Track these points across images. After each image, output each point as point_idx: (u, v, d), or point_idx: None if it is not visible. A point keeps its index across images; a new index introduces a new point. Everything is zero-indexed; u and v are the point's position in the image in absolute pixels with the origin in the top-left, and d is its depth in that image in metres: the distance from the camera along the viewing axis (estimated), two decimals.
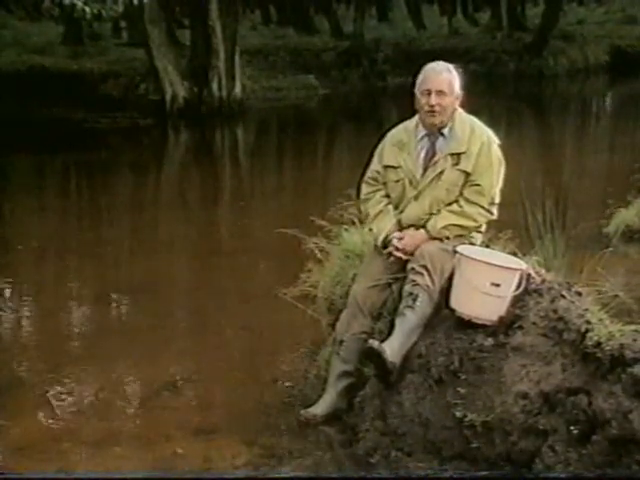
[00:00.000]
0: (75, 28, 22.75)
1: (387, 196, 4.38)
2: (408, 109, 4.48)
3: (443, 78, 4.21)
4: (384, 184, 4.40)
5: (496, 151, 4.22)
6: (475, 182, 4.15)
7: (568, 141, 15.26)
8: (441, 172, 4.20)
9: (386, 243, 4.29)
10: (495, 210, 4.28)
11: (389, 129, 4.48)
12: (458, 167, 4.18)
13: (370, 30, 25.50)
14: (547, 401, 3.66)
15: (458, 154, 4.18)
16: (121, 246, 8.44)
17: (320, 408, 4.31)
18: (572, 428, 3.53)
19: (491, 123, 4.25)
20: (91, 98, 17.33)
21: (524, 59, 24.11)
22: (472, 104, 4.46)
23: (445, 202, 4.21)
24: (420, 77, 4.27)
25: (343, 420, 4.29)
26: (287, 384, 4.95)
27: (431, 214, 4.23)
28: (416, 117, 4.35)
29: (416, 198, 4.26)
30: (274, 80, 20.05)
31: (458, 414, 3.79)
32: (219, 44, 17.15)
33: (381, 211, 4.37)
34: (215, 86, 17.18)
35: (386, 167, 4.35)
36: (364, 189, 4.49)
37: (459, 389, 3.85)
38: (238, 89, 17.55)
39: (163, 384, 5.01)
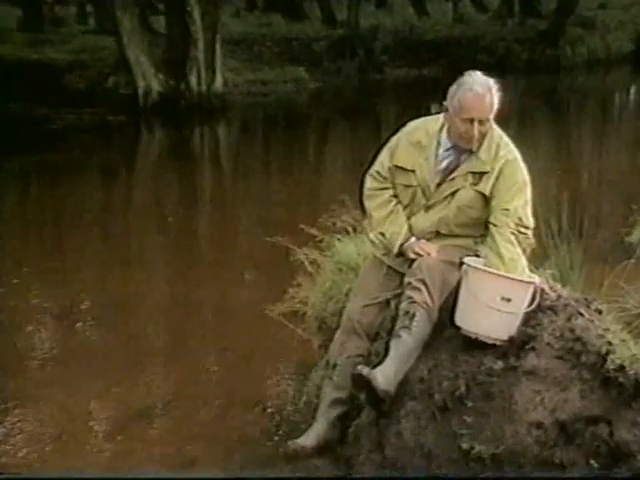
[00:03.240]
0: (34, 12, 22.77)
1: (396, 196, 4.34)
2: (409, 105, 4.50)
3: (487, 104, 4.08)
4: (393, 183, 4.34)
5: (521, 169, 4.19)
6: (504, 206, 4.11)
7: (587, 140, 15.34)
8: (457, 190, 4.18)
9: (402, 251, 4.27)
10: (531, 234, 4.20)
11: (404, 123, 4.33)
12: (476, 187, 4.16)
13: (366, 17, 25.59)
14: (564, 431, 3.68)
15: (480, 174, 4.16)
16: (88, 258, 8.44)
17: (310, 439, 4.32)
18: (592, 462, 3.55)
19: (501, 121, 4.25)
20: (54, 92, 17.35)
21: (538, 49, 24.17)
22: None
23: (454, 222, 4.20)
24: (459, 98, 4.09)
25: (336, 452, 4.29)
26: (274, 412, 4.96)
27: (438, 232, 4.22)
28: (440, 119, 4.26)
29: (427, 210, 4.25)
30: (259, 73, 20.09)
31: (464, 445, 3.80)
32: (198, 32, 17.19)
33: (392, 212, 4.31)
34: (194, 79, 17.22)
35: (397, 167, 4.30)
36: (369, 183, 4.41)
37: (465, 418, 3.86)
38: (219, 83, 17.59)
39: (136, 411, 5.02)
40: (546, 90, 21.72)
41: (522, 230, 4.11)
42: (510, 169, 4.14)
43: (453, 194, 4.19)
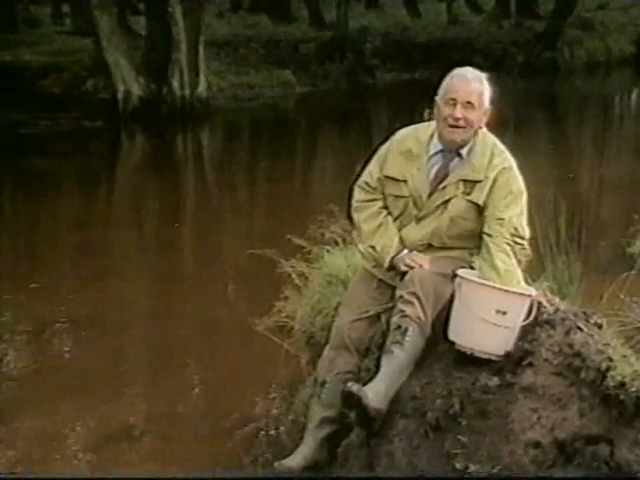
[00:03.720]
0: (7, 12, 22.73)
1: (385, 207, 4.35)
2: (400, 110, 4.53)
3: (473, 88, 4.15)
4: (382, 194, 4.35)
5: (516, 178, 4.21)
6: (498, 216, 4.13)
7: (586, 146, 15.42)
8: (449, 199, 4.20)
9: (393, 264, 4.28)
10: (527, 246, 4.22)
11: (393, 131, 4.37)
12: (469, 197, 4.17)
13: (356, 18, 25.69)
14: (562, 451, 3.69)
15: (472, 182, 4.18)
16: (65, 270, 8.43)
17: (297, 460, 4.32)
18: None
19: (496, 126, 4.28)
20: (28, 96, 17.32)
21: (535, 51, 24.32)
22: None
23: (447, 234, 4.22)
24: (445, 83, 4.20)
25: (324, 473, 4.30)
26: (260, 431, 4.96)
27: (430, 244, 4.24)
28: (431, 127, 4.30)
29: (418, 221, 4.26)
30: (245, 76, 20.14)
31: (459, 465, 3.81)
32: (180, 34, 17.22)
33: (382, 224, 4.31)
34: (176, 83, 17.24)
35: (387, 178, 4.31)
36: (358, 194, 4.42)
37: (460, 437, 3.87)
38: (203, 87, 17.62)
39: (114, 433, 5.01)
40: (544, 94, 21.83)
41: (518, 240, 4.12)
42: (505, 177, 4.15)
43: (445, 204, 4.19)
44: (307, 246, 5.16)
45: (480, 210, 4.16)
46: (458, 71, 4.22)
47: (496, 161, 4.16)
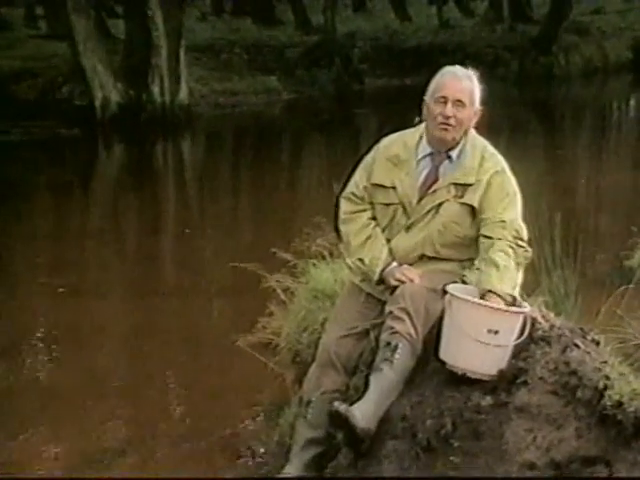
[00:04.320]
0: None
1: (374, 218, 4.37)
2: (390, 117, 4.54)
3: (464, 86, 4.22)
4: (370, 204, 4.38)
5: (510, 180, 4.24)
6: (499, 218, 4.16)
7: (583, 156, 15.48)
8: (440, 204, 4.22)
9: (382, 277, 4.29)
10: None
11: (378, 139, 4.42)
12: (462, 200, 4.20)
13: (344, 22, 25.78)
14: (559, 472, 3.70)
15: (464, 185, 4.20)
16: (38, 286, 8.40)
17: None
18: None
19: (489, 135, 4.31)
20: (0, 103, 17.27)
21: (529, 57, 24.44)
22: None
23: (439, 241, 4.23)
24: (435, 82, 4.27)
25: None
26: (243, 453, 4.96)
27: (423, 255, 4.25)
28: (419, 130, 4.35)
29: (408, 229, 4.28)
30: (228, 82, 20.18)
31: None
32: (160, 38, 17.25)
33: (370, 237, 4.33)
34: (156, 89, 17.26)
35: (375, 186, 4.34)
36: (344, 206, 4.44)
37: (452, 458, 3.87)
38: (184, 93, 17.64)
39: (90, 456, 5.00)
40: (538, 101, 21.91)
41: (520, 243, 4.15)
42: (499, 180, 4.19)
43: (437, 209, 4.21)
44: (293, 260, 5.18)
45: (474, 214, 4.19)
46: (448, 69, 4.29)
47: (488, 165, 4.21)
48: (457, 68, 4.29)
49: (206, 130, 17.94)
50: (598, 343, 4.04)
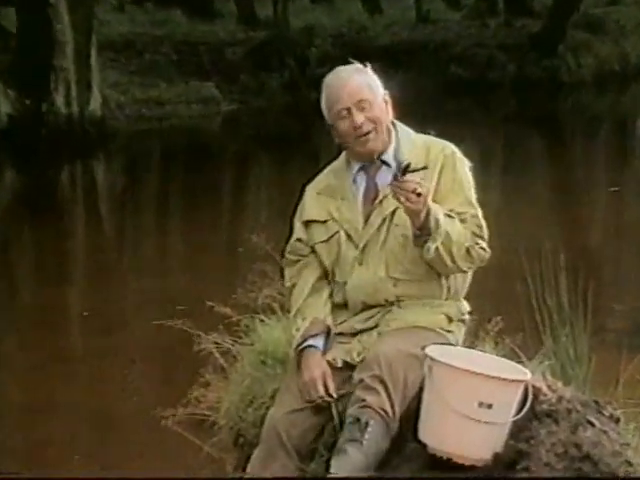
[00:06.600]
0: None
1: (316, 269, 4.44)
2: None
3: (357, 84, 4.38)
4: (312, 252, 4.45)
5: (463, 164, 4.37)
6: (458, 210, 4.24)
7: (596, 182, 15.58)
8: (392, 212, 4.28)
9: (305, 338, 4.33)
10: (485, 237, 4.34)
11: (302, 189, 4.55)
12: None
13: (299, 14, 25.93)
14: None
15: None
16: None
17: None
18: None
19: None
20: None
21: (529, 58, 24.58)
22: (451, 127, 4.57)
23: (405, 257, 4.26)
24: (325, 98, 4.44)
25: None
26: None
27: (395, 278, 4.28)
28: (342, 156, 4.50)
29: (361, 262, 4.32)
30: (153, 90, 20.21)
31: None
32: (65, 32, 17.22)
33: (309, 296, 4.41)
34: (60, 98, 17.23)
35: (309, 223, 4.43)
36: (286, 273, 4.56)
37: None
38: (97, 103, 17.64)
39: None
40: (541, 114, 22.02)
41: (478, 241, 4.27)
42: (451, 163, 4.33)
43: (390, 219, 4.28)
44: (234, 315, 5.17)
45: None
46: (329, 78, 4.49)
47: (435, 149, 4.35)
48: (337, 70, 4.49)
49: (125, 149, 17.95)
50: (618, 420, 4.06)
